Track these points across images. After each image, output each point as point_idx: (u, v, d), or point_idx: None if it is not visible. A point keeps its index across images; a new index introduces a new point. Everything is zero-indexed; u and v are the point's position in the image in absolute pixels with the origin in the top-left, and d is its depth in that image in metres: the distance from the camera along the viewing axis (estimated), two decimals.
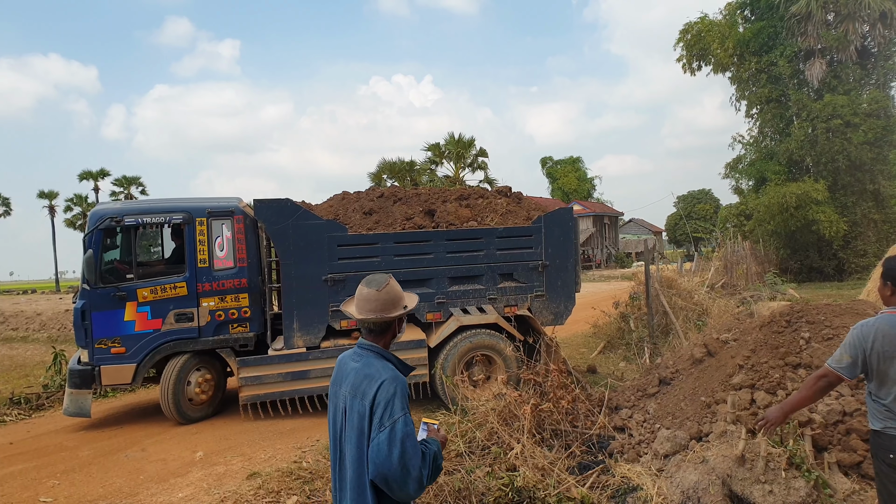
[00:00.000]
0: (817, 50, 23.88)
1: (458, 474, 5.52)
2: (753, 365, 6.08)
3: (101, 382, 7.15)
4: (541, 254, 7.92)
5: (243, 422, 7.23)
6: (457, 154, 35.17)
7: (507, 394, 6.35)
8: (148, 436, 6.88)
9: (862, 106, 22.90)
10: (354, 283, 7.37)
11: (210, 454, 6.11)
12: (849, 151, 22.82)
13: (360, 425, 2.21)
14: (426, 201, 8.28)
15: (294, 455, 5.98)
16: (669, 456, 5.58)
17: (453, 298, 7.76)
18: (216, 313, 7.43)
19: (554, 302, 8.03)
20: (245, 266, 7.55)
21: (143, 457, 6.13)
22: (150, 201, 7.93)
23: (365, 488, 2.20)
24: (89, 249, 7.10)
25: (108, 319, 7.14)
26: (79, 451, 6.42)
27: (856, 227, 23.48)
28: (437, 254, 7.65)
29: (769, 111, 25.37)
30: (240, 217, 7.58)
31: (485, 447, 6.02)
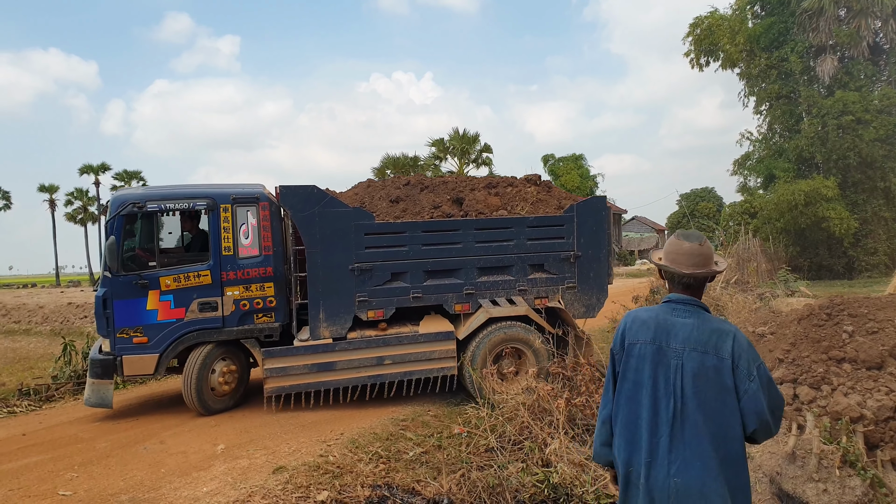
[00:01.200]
0: (829, 46, 23.66)
1: (490, 470, 5.33)
2: (794, 359, 5.88)
3: (122, 373, 6.98)
4: (572, 244, 7.69)
5: (263, 414, 7.02)
6: (461, 150, 34.95)
7: (538, 387, 6.15)
8: (165, 428, 6.66)
9: (873, 103, 22.69)
10: (381, 272, 7.23)
11: (231, 447, 5.89)
12: (860, 148, 22.61)
13: (719, 380, 2.21)
14: (454, 189, 8.08)
15: (319, 448, 5.77)
16: None
17: (482, 289, 7.55)
18: (241, 303, 7.24)
19: (586, 294, 7.81)
20: (270, 254, 7.36)
21: (163, 449, 5.91)
22: (173, 187, 7.66)
23: (728, 441, 2.20)
24: (111, 236, 6.91)
25: (130, 308, 6.97)
26: (95, 442, 6.19)
27: (866, 225, 23.29)
28: (466, 243, 7.43)
29: (779, 108, 25.15)
30: (265, 204, 7.39)
31: (516, 442, 5.82)
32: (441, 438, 6.06)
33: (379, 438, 6.04)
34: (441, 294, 7.46)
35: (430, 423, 6.64)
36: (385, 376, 7.25)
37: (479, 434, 5.98)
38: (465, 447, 5.80)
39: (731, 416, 2.21)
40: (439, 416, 6.87)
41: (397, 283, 7.35)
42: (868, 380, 5.49)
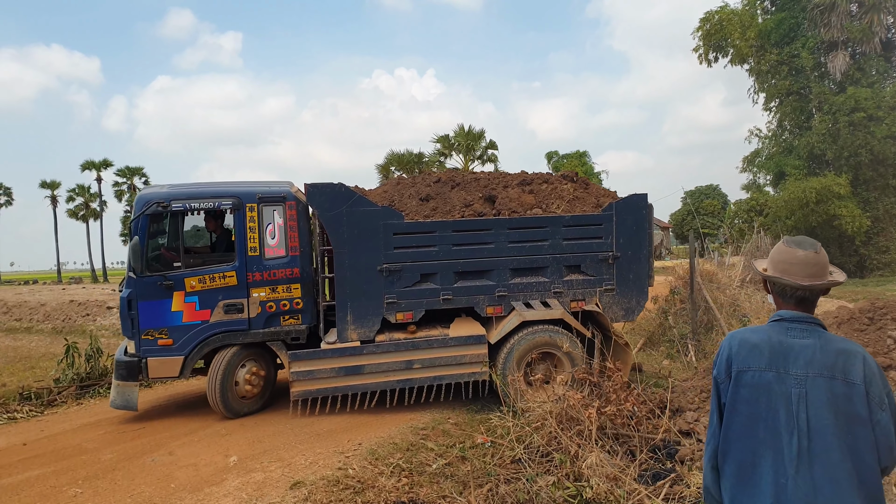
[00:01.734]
0: (840, 42, 23.34)
1: (519, 483, 5.04)
2: None
3: (147, 375, 6.86)
4: (611, 244, 7.34)
5: (276, 423, 6.74)
6: (466, 146, 34.56)
7: (568, 395, 5.84)
8: (174, 437, 6.34)
9: (885, 99, 22.38)
10: (410, 273, 6.96)
11: (244, 459, 5.58)
12: (871, 145, 22.32)
13: (850, 409, 1.93)
14: (486, 186, 7.74)
15: (337, 461, 5.46)
16: None
17: (515, 291, 7.24)
18: (267, 304, 7.07)
19: (625, 296, 7.46)
20: (297, 255, 7.18)
21: (172, 461, 5.59)
22: (198, 185, 7.48)
23: (866, 481, 1.92)
24: (135, 236, 6.79)
25: (155, 309, 6.84)
26: (100, 454, 5.87)
27: (878, 223, 23.02)
28: (499, 243, 7.13)
29: (789, 104, 24.86)
30: (292, 203, 7.19)
31: (545, 453, 5.52)
32: (464, 449, 5.76)
33: (399, 449, 5.74)
34: (472, 296, 7.19)
35: (451, 431, 6.34)
36: (414, 381, 7.02)
37: (505, 444, 5.70)
38: (490, 458, 5.52)
39: (867, 452, 1.90)
40: (460, 425, 6.57)
41: (427, 284, 7.12)
42: None
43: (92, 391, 8.71)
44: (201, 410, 7.46)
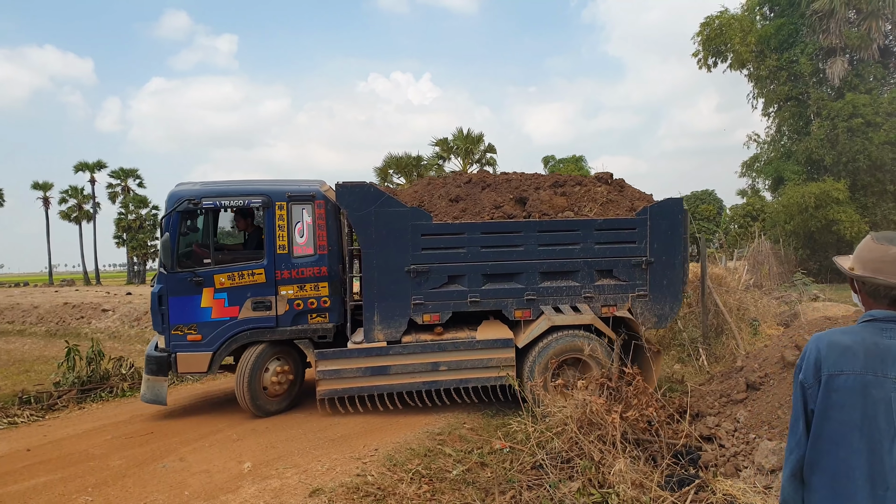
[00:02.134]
0: (839, 48, 23.45)
1: (542, 490, 4.92)
2: None
3: (177, 370, 6.97)
4: (645, 249, 7.16)
5: (289, 427, 6.58)
6: (465, 149, 34.48)
7: (591, 400, 5.71)
8: (184, 443, 6.16)
9: (883, 105, 22.49)
10: (438, 274, 6.89)
11: (259, 465, 5.41)
12: (869, 151, 22.42)
13: None
14: (517, 188, 7.61)
15: (355, 467, 5.30)
16: (776, 471, 4.97)
17: (545, 295, 7.10)
18: (295, 302, 7.09)
19: (658, 303, 7.28)
20: (325, 253, 7.19)
21: (183, 468, 5.41)
22: (228, 183, 7.53)
23: None
24: (166, 232, 6.85)
25: (185, 305, 6.93)
26: (108, 460, 5.67)
27: (876, 228, 23.01)
28: (529, 246, 7.01)
29: (788, 109, 24.94)
30: (321, 202, 7.21)
31: (566, 459, 5.38)
32: (483, 454, 5.63)
33: (416, 455, 5.59)
34: (500, 299, 7.08)
35: (468, 436, 6.20)
36: (440, 383, 6.95)
37: (526, 450, 5.56)
38: (509, 464, 5.39)
39: None
40: (476, 430, 6.43)
41: (455, 286, 7.04)
42: None
43: (93, 395, 8.50)
44: (210, 414, 7.31)
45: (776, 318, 12.16)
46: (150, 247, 60.94)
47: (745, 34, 24.54)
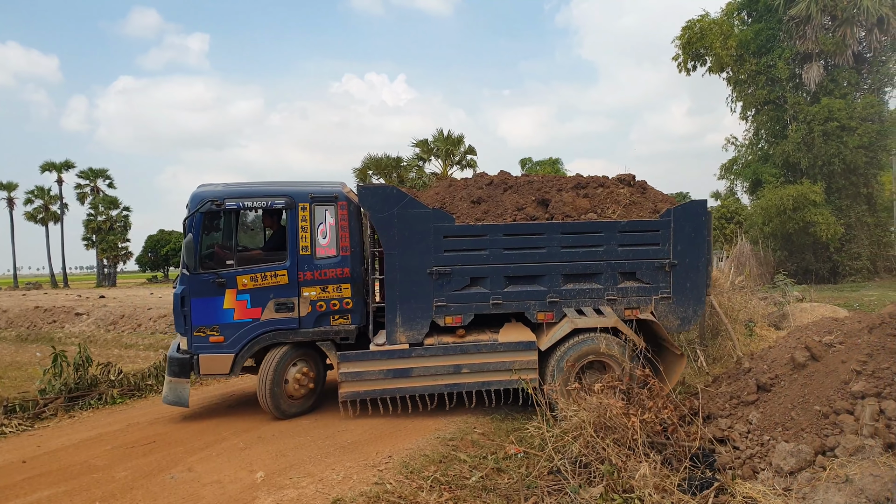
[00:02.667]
0: (815, 53, 23.87)
1: (564, 496, 4.84)
2: (874, 371, 5.51)
3: (199, 372, 6.95)
4: (668, 251, 7.14)
5: (297, 435, 6.41)
6: (445, 151, 34.41)
7: (609, 404, 5.65)
8: (189, 452, 5.94)
9: (857, 110, 22.97)
10: (460, 276, 6.86)
11: (272, 475, 5.23)
12: (844, 155, 22.87)
13: None
14: (539, 190, 7.55)
15: (371, 475, 5.16)
16: (794, 473, 4.97)
17: (567, 298, 7.07)
18: (317, 304, 7.09)
19: (681, 305, 7.25)
20: (348, 255, 7.18)
21: (193, 478, 5.21)
22: (251, 184, 7.53)
23: None
24: (189, 233, 6.82)
25: (208, 307, 6.92)
26: (112, 471, 5.44)
27: (850, 231, 23.55)
28: (551, 248, 6.98)
29: (766, 113, 25.33)
30: (343, 203, 7.20)
31: (584, 464, 5.31)
32: (498, 460, 5.54)
33: (431, 461, 5.48)
34: (523, 301, 7.05)
35: (480, 442, 6.11)
36: (462, 385, 6.92)
37: (543, 455, 5.48)
38: (525, 470, 5.30)
39: None
40: (488, 434, 6.34)
41: (477, 288, 7.01)
42: None
43: (82, 403, 8.20)
44: (211, 422, 7.13)
45: (766, 320, 12.31)
46: (120, 249, 59.73)
47: (725, 38, 24.87)
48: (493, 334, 7.08)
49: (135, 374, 9.23)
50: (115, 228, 58.18)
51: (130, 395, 8.64)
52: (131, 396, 8.62)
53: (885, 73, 24.15)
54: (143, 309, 20.97)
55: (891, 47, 23.85)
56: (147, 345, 16.10)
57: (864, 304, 15.38)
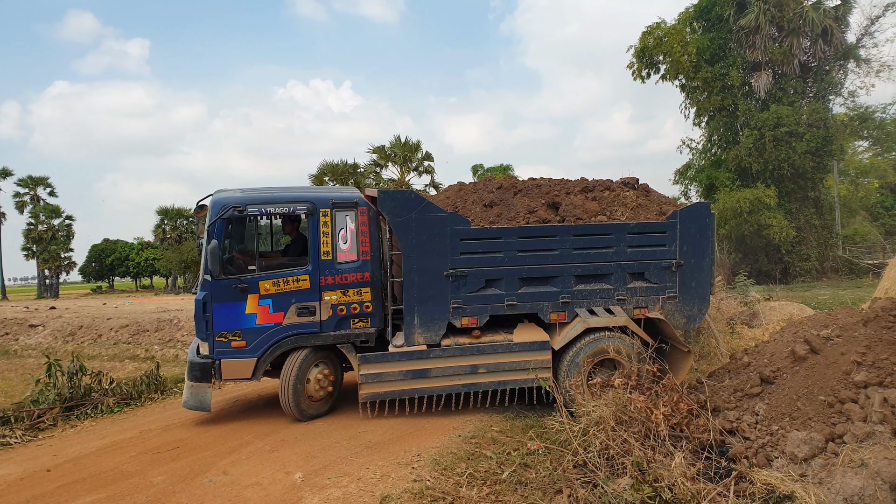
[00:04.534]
0: (764, 62, 24.98)
1: (597, 488, 5.03)
2: (874, 362, 5.89)
3: (221, 377, 6.94)
4: (675, 252, 7.38)
5: (321, 437, 6.45)
6: (403, 157, 34.49)
7: (633, 398, 5.89)
8: (218, 456, 5.90)
9: (804, 117, 24.12)
10: (476, 278, 7.02)
11: (309, 475, 5.26)
12: (793, 160, 23.99)
13: None
14: (548, 193, 7.72)
15: (408, 472, 5.26)
16: (808, 460, 5.28)
17: (579, 298, 7.25)
18: (338, 307, 7.15)
19: (687, 304, 7.51)
20: (368, 259, 7.26)
21: (231, 481, 5.19)
22: (270, 189, 7.52)
23: None
24: (212, 239, 6.82)
25: (230, 312, 6.93)
26: (147, 476, 5.37)
27: (800, 233, 24.69)
28: (563, 250, 7.14)
29: (720, 119, 26.31)
30: (364, 208, 7.29)
31: (608, 457, 5.52)
32: (523, 456, 5.70)
33: (460, 458, 5.60)
34: (536, 302, 7.20)
35: (500, 439, 6.26)
36: (479, 385, 7.06)
37: (568, 450, 5.66)
38: (550, 464, 5.47)
39: None
40: (505, 432, 6.49)
41: (492, 290, 7.14)
42: None
43: (78, 412, 7.97)
44: (229, 427, 7.09)
45: (737, 318, 12.83)
46: (63, 259, 57.40)
47: (683, 45, 25.75)
48: (507, 335, 7.23)
49: (126, 383, 9.01)
50: (57, 238, 55.87)
51: (126, 404, 8.44)
52: (127, 405, 8.42)
53: (829, 81, 25.44)
54: (102, 319, 20.26)
55: (833, 57, 25.15)
56: (111, 355, 15.59)
57: (820, 303, 16.11)
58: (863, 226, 36.32)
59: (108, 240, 72.60)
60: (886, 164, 40.54)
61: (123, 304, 29.72)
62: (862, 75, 25.75)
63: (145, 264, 65.80)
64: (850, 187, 36.37)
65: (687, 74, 26.57)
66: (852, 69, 25.77)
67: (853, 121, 26.92)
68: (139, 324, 17.49)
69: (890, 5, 24.79)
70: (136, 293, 59.25)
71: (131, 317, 18.96)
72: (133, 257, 67.24)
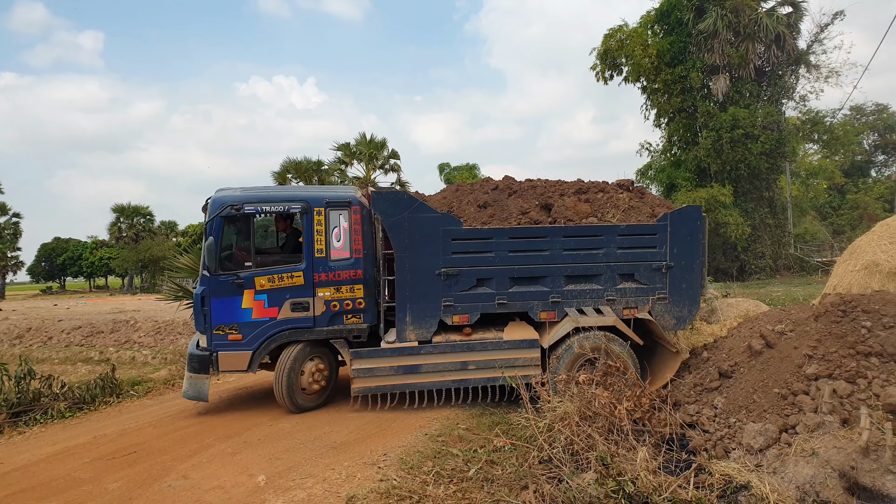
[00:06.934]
0: (721, 66, 25.58)
1: (562, 483, 5.06)
2: (824, 355, 6.07)
3: (218, 368, 7.19)
4: (665, 254, 7.46)
5: (285, 439, 6.34)
6: (369, 155, 34.22)
7: (597, 394, 5.94)
8: (177, 460, 5.74)
9: (759, 120, 24.79)
10: (467, 277, 7.14)
11: (273, 477, 5.16)
12: (749, 160, 24.64)
13: None
14: (542, 194, 7.83)
15: (374, 472, 5.21)
16: (763, 450, 5.42)
17: (569, 298, 7.36)
18: (331, 304, 7.40)
19: (677, 305, 7.58)
20: (361, 257, 7.49)
21: (192, 485, 5.06)
22: (268, 189, 7.89)
23: None
24: (210, 236, 7.10)
25: (227, 306, 7.18)
26: (102, 482, 5.18)
27: (755, 232, 25.36)
28: (554, 251, 7.27)
29: (680, 121, 26.86)
30: (357, 208, 7.50)
31: (572, 452, 5.57)
32: (488, 453, 5.70)
33: (427, 457, 5.57)
34: (527, 301, 7.34)
35: (467, 436, 6.25)
36: (469, 381, 7.23)
37: (533, 446, 5.68)
38: (516, 460, 5.49)
39: None
40: (472, 429, 6.49)
41: (483, 288, 7.29)
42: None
43: (26, 418, 7.68)
44: (191, 430, 6.91)
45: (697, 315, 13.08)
46: (10, 259, 55.33)
47: (646, 47, 26.20)
48: (497, 332, 7.37)
49: (79, 386, 8.72)
50: (3, 236, 53.85)
51: (79, 409, 8.17)
52: (80, 409, 8.14)
53: (782, 85, 26.20)
54: (53, 321, 19.58)
55: (786, 62, 25.91)
56: (63, 358, 15.06)
57: (774, 299, 16.52)
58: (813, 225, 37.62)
59: (59, 238, 70.42)
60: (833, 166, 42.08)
61: (76, 305, 28.90)
62: (812, 80, 26.67)
63: (100, 264, 63.91)
64: (801, 188, 37.61)
65: (648, 77, 27.06)
66: (803, 74, 26.62)
67: (805, 124, 27.75)
68: (93, 325, 16.94)
69: (838, 14, 25.68)
70: (90, 294, 57.59)
71: (84, 318, 18.37)
72: (87, 256, 65.29)
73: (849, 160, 46.26)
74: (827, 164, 41.47)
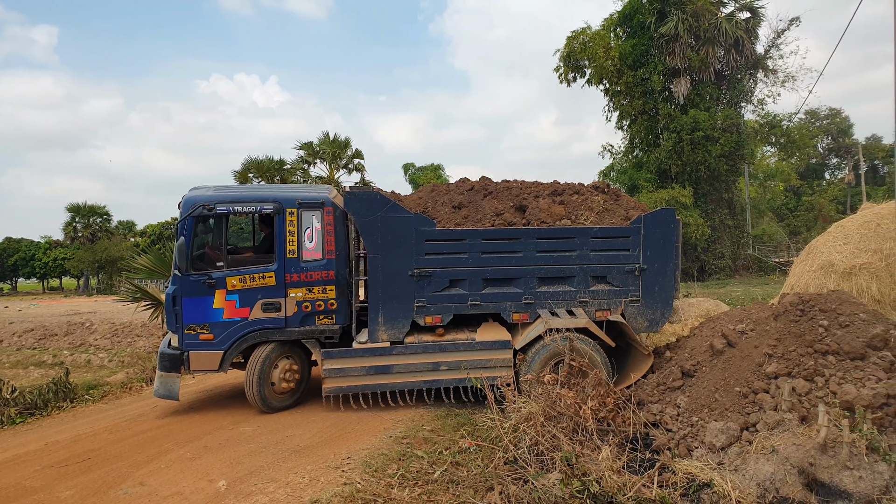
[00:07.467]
0: (683, 69, 26.04)
1: (527, 484, 5.06)
2: (783, 354, 6.18)
3: (189, 368, 7.18)
4: (638, 256, 7.49)
5: (247, 443, 6.20)
6: (332, 154, 33.96)
7: (562, 394, 5.96)
8: (134, 466, 5.56)
9: (718, 122, 25.32)
10: (440, 278, 7.12)
11: (234, 482, 5.04)
12: (709, 162, 25.12)
13: None
14: (517, 196, 7.80)
15: (337, 476, 5.13)
16: (725, 448, 5.50)
17: (541, 299, 7.37)
18: (303, 304, 7.35)
19: (650, 308, 7.62)
20: (333, 258, 7.43)
21: (149, 492, 4.90)
22: (241, 188, 7.91)
23: None
24: (181, 236, 7.07)
25: (198, 306, 7.13)
26: (54, 491, 4.98)
27: (715, 233, 25.88)
28: (527, 252, 7.27)
29: (641, 123, 27.26)
30: (329, 208, 7.44)
31: (538, 452, 5.57)
32: (454, 454, 5.67)
33: (391, 459, 5.52)
34: (499, 302, 7.35)
35: (432, 438, 6.21)
36: (440, 382, 7.22)
37: (499, 447, 5.67)
38: (482, 461, 5.47)
39: None
40: (437, 431, 6.45)
41: (456, 289, 7.30)
42: (855, 370, 5.88)
43: None
44: (148, 436, 6.72)
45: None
46: None
47: (608, 50, 26.54)
48: (470, 333, 7.37)
49: (31, 391, 8.41)
50: None
51: (31, 414, 7.88)
52: (32, 415, 7.86)
53: (741, 89, 26.80)
54: (3, 324, 18.95)
55: (745, 66, 26.51)
56: (13, 362, 14.54)
57: (733, 299, 16.84)
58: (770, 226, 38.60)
59: (10, 238, 67.98)
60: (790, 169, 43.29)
61: (28, 306, 28.02)
62: (770, 84, 27.35)
63: (54, 264, 61.94)
64: (759, 190, 38.59)
65: (610, 79, 27.40)
66: (761, 78, 27.27)
67: (763, 127, 28.46)
68: (46, 328, 16.40)
69: (794, 20, 26.39)
70: (44, 295, 55.88)
71: (37, 320, 17.81)
72: (40, 257, 63.22)
73: (804, 163, 47.69)
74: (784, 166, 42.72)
